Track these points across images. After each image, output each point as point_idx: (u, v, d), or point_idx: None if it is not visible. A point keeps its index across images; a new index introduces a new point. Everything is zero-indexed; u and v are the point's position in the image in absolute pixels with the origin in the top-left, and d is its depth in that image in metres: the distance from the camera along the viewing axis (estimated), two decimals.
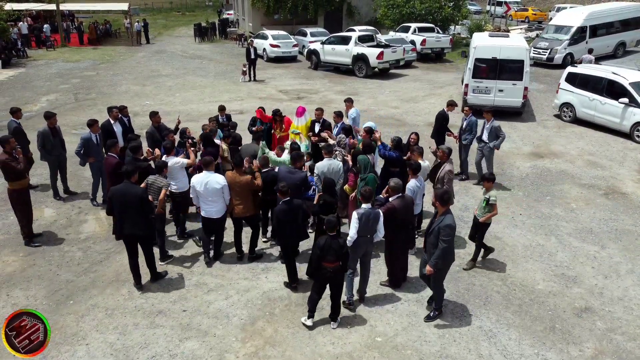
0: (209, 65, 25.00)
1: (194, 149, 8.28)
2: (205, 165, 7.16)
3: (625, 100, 13.12)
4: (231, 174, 7.33)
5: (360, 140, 8.42)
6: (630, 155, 12.26)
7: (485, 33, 18.99)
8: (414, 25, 25.97)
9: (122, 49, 30.31)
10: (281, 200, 6.64)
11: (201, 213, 7.39)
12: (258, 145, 8.59)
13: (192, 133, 9.05)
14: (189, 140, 8.44)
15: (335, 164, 7.73)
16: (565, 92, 14.77)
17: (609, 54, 22.80)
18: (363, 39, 22.07)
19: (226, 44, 33.52)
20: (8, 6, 28.37)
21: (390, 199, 6.63)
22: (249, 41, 23.83)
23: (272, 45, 25.53)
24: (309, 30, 27.64)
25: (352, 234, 6.14)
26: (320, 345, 5.96)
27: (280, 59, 25.71)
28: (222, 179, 7.17)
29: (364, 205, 6.22)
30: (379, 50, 21.09)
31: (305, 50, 24.72)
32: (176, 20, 50.25)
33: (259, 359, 5.75)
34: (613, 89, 13.52)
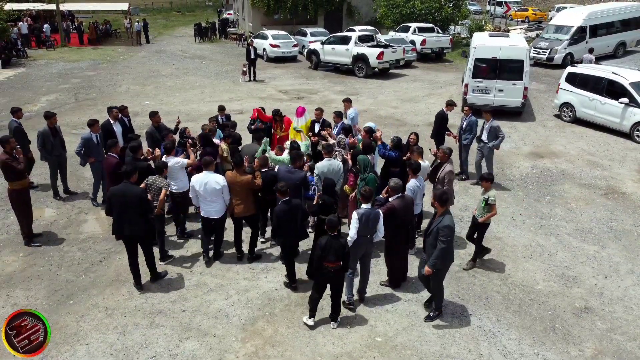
0: (209, 65, 25.00)
1: (194, 149, 8.29)
2: (205, 166, 7.16)
3: (625, 100, 13.12)
4: (231, 173, 7.33)
5: (361, 139, 8.42)
6: (630, 155, 12.27)
7: (486, 33, 18.99)
8: (414, 25, 25.98)
9: (122, 49, 30.31)
10: (280, 200, 6.64)
11: (201, 213, 7.40)
12: (259, 145, 8.58)
13: (192, 133, 9.05)
14: (189, 140, 8.44)
15: (335, 164, 7.73)
16: (565, 92, 14.77)
17: (609, 54, 22.81)
18: (363, 39, 22.07)
19: (226, 44, 33.53)
20: (8, 6, 28.35)
21: (390, 199, 6.63)
22: (249, 41, 23.83)
23: (272, 45, 25.53)
24: (309, 30, 27.64)
25: (352, 234, 6.14)
26: (320, 345, 5.96)
27: (280, 59, 25.72)
28: (222, 179, 7.18)
29: (364, 205, 6.22)
30: (379, 50, 21.09)
31: (305, 50, 24.71)
32: (176, 20, 50.27)
33: (259, 359, 5.75)
34: (613, 89, 13.53)
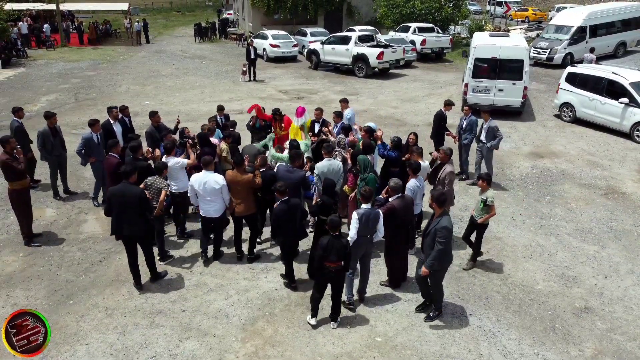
0: (209, 65, 24.99)
1: (193, 149, 8.27)
2: (204, 165, 7.15)
3: (625, 100, 13.12)
4: (232, 173, 7.31)
5: (361, 139, 8.42)
6: (630, 155, 12.26)
7: (486, 33, 18.99)
8: (414, 25, 25.97)
9: (122, 49, 30.31)
10: (279, 200, 6.64)
11: (200, 212, 7.40)
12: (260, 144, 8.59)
13: (192, 133, 9.03)
14: (189, 140, 8.43)
15: (335, 164, 7.73)
16: (565, 92, 14.77)
17: (609, 54, 22.81)
18: (363, 39, 22.06)
19: (226, 44, 33.53)
20: (8, 6, 28.36)
21: (390, 199, 6.63)
22: (249, 41, 23.83)
23: (272, 45, 25.52)
24: (309, 30, 27.64)
25: (353, 234, 6.14)
26: (320, 345, 5.96)
27: (280, 59, 25.71)
28: (221, 178, 7.17)
29: (364, 205, 6.22)
30: (379, 50, 21.09)
31: (305, 50, 24.70)
32: (176, 20, 50.27)
33: (259, 359, 5.75)
34: (613, 89, 13.53)
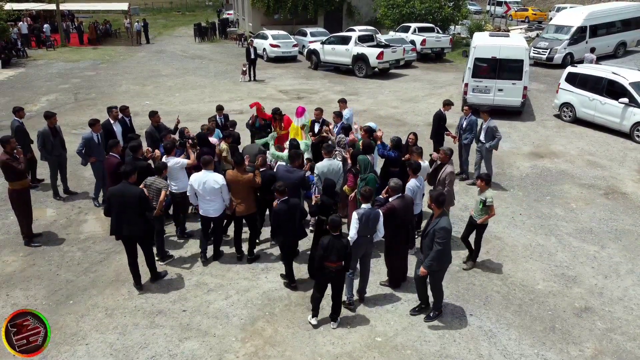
0: (209, 65, 24.99)
1: (193, 149, 8.27)
2: (204, 165, 7.15)
3: (625, 100, 13.12)
4: (232, 172, 7.30)
5: (360, 139, 8.41)
6: (630, 155, 12.26)
7: (486, 33, 18.99)
8: (414, 25, 25.97)
9: (122, 49, 30.31)
10: (279, 200, 6.64)
11: (199, 212, 7.39)
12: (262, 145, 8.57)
13: (191, 133, 9.02)
14: (189, 140, 8.42)
15: (335, 164, 7.73)
16: (565, 92, 14.77)
17: (609, 54, 22.81)
18: (363, 39, 22.06)
19: (226, 44, 33.53)
20: (8, 6, 28.36)
21: (390, 199, 6.63)
22: (249, 41, 23.83)
23: (272, 45, 25.52)
24: (309, 30, 27.63)
25: (353, 234, 6.14)
26: (320, 345, 5.96)
27: (280, 59, 25.71)
28: (221, 178, 7.17)
29: (364, 206, 6.21)
30: (379, 50, 21.08)
31: (305, 50, 24.70)
32: (176, 20, 50.26)
33: (259, 359, 5.75)
34: (613, 89, 13.52)
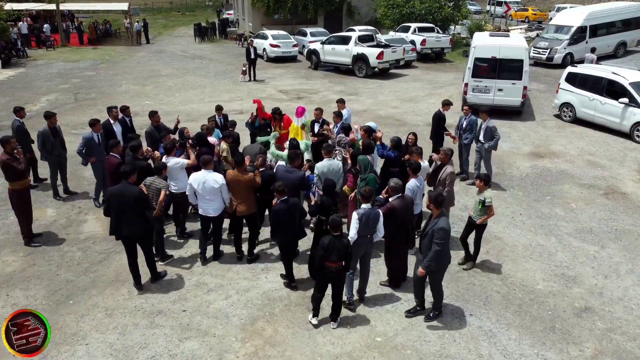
0: (209, 65, 24.99)
1: (193, 150, 8.26)
2: (204, 164, 7.14)
3: (625, 100, 13.11)
4: (233, 172, 7.29)
5: (360, 138, 8.42)
6: (630, 155, 12.26)
7: (486, 33, 19.00)
8: (414, 25, 25.97)
9: (122, 49, 30.31)
10: (278, 200, 6.64)
11: (198, 211, 7.39)
12: (261, 145, 8.55)
13: (191, 133, 9.01)
14: (189, 140, 8.41)
15: (335, 164, 7.73)
16: (565, 92, 14.76)
17: (609, 54, 22.81)
18: (363, 39, 22.06)
19: (226, 44, 33.52)
20: (8, 6, 28.36)
21: (390, 199, 6.63)
22: (249, 41, 23.83)
23: (272, 45, 25.52)
24: (309, 30, 27.63)
25: (353, 234, 6.14)
26: (320, 345, 5.96)
27: (280, 59, 25.71)
28: (221, 177, 7.16)
29: (364, 206, 6.21)
30: (379, 50, 21.08)
31: (305, 50, 24.70)
32: (176, 20, 50.26)
33: (259, 359, 5.75)
34: (613, 89, 13.52)
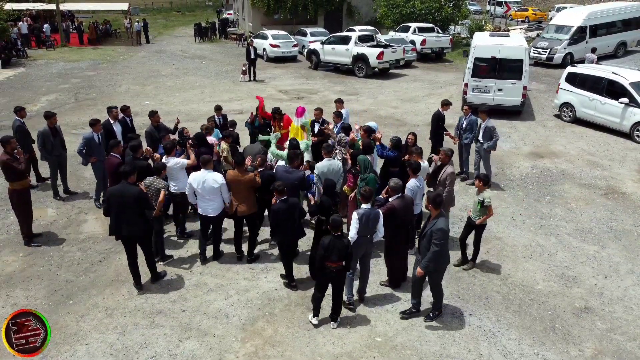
0: (209, 65, 24.99)
1: (193, 150, 8.25)
2: (203, 164, 7.14)
3: (625, 100, 13.11)
4: (233, 173, 7.29)
5: (360, 138, 8.42)
6: (630, 155, 12.26)
7: (486, 33, 19.00)
8: (414, 25, 25.97)
9: (122, 49, 30.31)
10: (278, 199, 6.64)
11: (198, 210, 7.38)
12: (262, 144, 8.55)
13: (190, 133, 9.01)
14: (189, 141, 8.40)
15: (335, 164, 7.73)
16: (565, 92, 14.76)
17: (609, 54, 22.81)
18: (363, 39, 22.06)
19: (226, 44, 33.52)
20: (8, 6, 28.36)
21: (390, 199, 6.63)
22: (249, 41, 23.83)
23: (272, 45, 25.52)
24: (309, 30, 27.63)
25: (353, 234, 6.14)
26: (320, 345, 5.96)
27: (280, 59, 25.70)
28: (220, 177, 7.16)
29: (364, 206, 6.21)
30: (379, 50, 21.08)
31: (305, 50, 24.69)
32: (176, 20, 50.26)
33: (259, 359, 5.75)
34: (613, 89, 13.52)
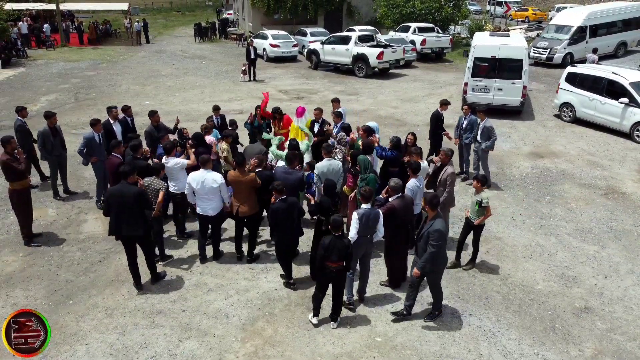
0: (209, 65, 24.99)
1: (193, 150, 8.25)
2: (202, 164, 7.14)
3: (625, 100, 13.11)
4: (234, 173, 7.28)
5: (359, 138, 8.42)
6: (630, 155, 12.26)
7: (486, 33, 19.00)
8: (414, 25, 25.97)
9: (122, 49, 30.31)
10: (277, 199, 6.64)
11: (197, 210, 7.38)
12: (262, 145, 8.54)
13: (190, 133, 8.99)
14: (189, 141, 8.40)
15: (335, 164, 7.73)
16: (565, 92, 14.76)
17: (609, 54, 22.81)
18: (363, 39, 22.06)
19: (226, 44, 33.52)
20: (8, 6, 28.36)
21: (390, 199, 6.63)
22: (248, 41, 23.83)
23: (272, 45, 25.52)
24: (309, 30, 27.63)
25: (353, 234, 6.14)
26: (320, 345, 5.96)
27: (280, 59, 25.71)
28: (220, 177, 7.16)
29: (364, 205, 6.21)
30: (379, 50, 21.09)
31: (305, 50, 24.70)
32: (176, 20, 50.26)
33: (259, 359, 5.75)
34: (613, 89, 13.52)
